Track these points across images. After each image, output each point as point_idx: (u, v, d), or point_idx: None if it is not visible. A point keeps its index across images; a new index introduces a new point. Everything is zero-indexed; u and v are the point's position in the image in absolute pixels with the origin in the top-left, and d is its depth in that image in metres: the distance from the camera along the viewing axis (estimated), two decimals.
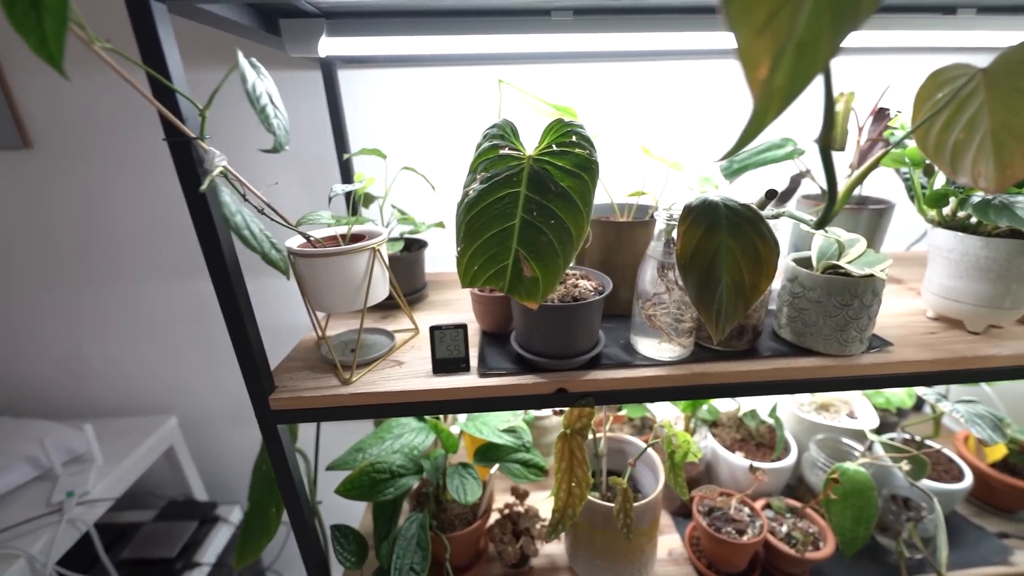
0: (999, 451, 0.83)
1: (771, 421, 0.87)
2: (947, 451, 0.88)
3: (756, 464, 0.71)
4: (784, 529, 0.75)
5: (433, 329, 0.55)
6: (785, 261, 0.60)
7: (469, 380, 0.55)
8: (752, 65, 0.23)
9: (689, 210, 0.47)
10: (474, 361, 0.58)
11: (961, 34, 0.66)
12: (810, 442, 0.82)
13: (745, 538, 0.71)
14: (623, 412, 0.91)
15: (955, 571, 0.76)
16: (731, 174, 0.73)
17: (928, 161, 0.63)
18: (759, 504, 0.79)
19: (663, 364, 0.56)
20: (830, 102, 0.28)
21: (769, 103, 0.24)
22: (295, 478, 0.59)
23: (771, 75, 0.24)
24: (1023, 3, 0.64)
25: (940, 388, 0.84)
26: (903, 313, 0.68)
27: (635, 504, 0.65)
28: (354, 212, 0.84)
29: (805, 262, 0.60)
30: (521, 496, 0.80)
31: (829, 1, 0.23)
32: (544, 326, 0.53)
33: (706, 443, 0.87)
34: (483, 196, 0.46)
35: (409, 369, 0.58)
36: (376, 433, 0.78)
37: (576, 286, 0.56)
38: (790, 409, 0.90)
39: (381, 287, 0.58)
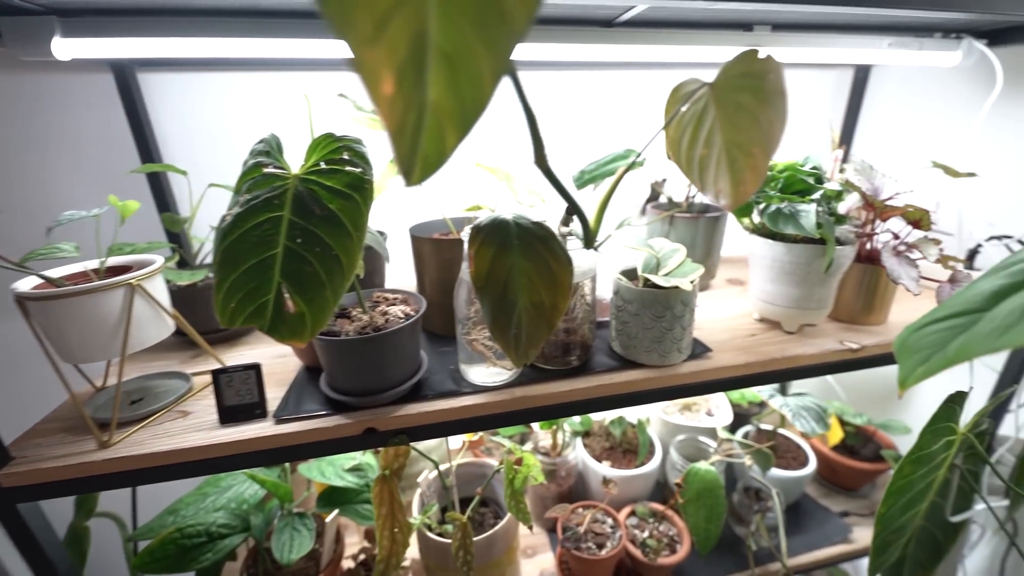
0: (836, 435, 0.90)
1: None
2: (795, 438, 0.94)
3: (608, 475, 0.70)
4: (645, 535, 0.76)
5: (217, 373, 0.48)
6: (613, 274, 0.59)
7: (263, 428, 0.48)
8: (372, 80, 0.20)
9: (478, 230, 0.44)
10: (276, 405, 0.51)
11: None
12: (671, 445, 0.84)
13: (604, 552, 0.70)
14: (479, 435, 0.87)
15: (801, 555, 0.80)
16: (581, 184, 0.73)
17: None
18: (625, 512, 0.79)
19: (486, 391, 0.52)
20: (531, 119, 0.25)
21: (418, 119, 0.21)
22: (59, 570, 0.48)
23: (401, 89, 0.20)
24: (814, 21, 0.69)
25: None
26: (736, 315, 0.71)
27: (484, 535, 0.62)
28: (173, 238, 0.74)
29: (633, 274, 0.59)
30: (372, 539, 0.73)
31: (462, 8, 0.20)
32: (345, 361, 0.48)
33: (576, 455, 0.86)
34: (241, 221, 0.40)
35: (195, 421, 0.50)
36: (199, 488, 0.68)
37: (386, 313, 0.51)
38: (655, 413, 0.92)
39: (153, 327, 0.49)
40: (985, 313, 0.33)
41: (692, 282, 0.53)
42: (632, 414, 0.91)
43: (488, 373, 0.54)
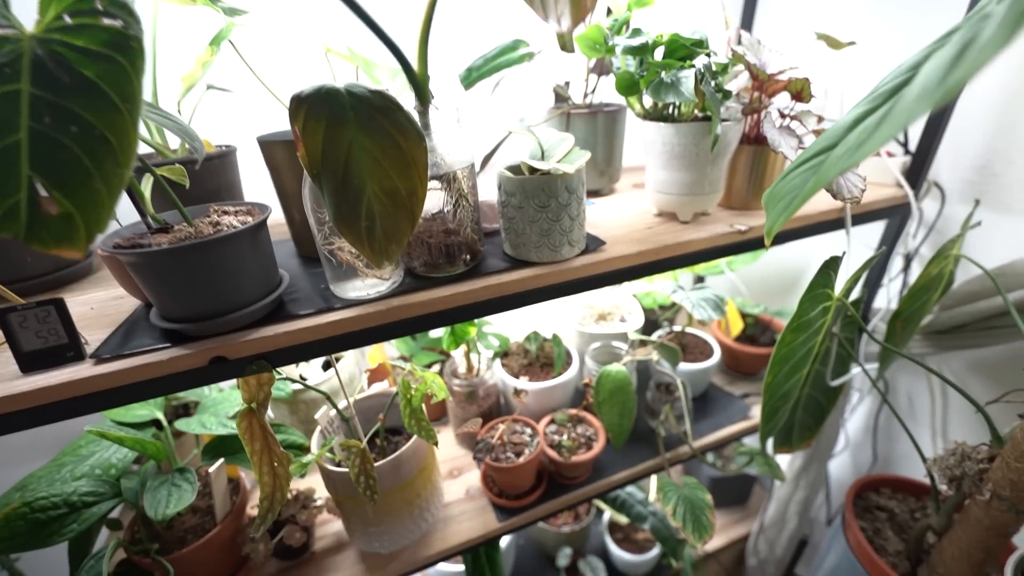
0: (737, 326, 0.95)
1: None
2: (702, 334, 0.98)
3: (518, 387, 0.69)
4: (564, 438, 0.77)
5: (3, 313, 0.39)
6: (496, 169, 0.54)
7: (79, 372, 0.40)
8: None
9: (301, 100, 0.36)
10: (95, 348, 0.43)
11: None
12: (587, 353, 0.84)
13: (522, 459, 0.70)
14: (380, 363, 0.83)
15: (708, 434, 0.86)
16: (469, 83, 0.65)
17: (603, 45, 0.61)
18: (544, 421, 0.80)
19: (360, 304, 0.47)
20: None
21: None
22: None
23: None
24: None
25: (683, 281, 0.91)
26: (636, 214, 0.69)
27: (387, 459, 0.59)
28: None
29: (518, 170, 0.54)
30: None
31: None
32: (169, 281, 0.40)
33: (494, 375, 0.84)
34: None
35: None
36: (54, 459, 0.59)
37: (217, 224, 0.43)
38: (571, 325, 0.92)
39: None
40: (841, 141, 0.31)
41: (578, 169, 0.49)
42: (547, 328, 0.91)
43: (364, 287, 0.48)
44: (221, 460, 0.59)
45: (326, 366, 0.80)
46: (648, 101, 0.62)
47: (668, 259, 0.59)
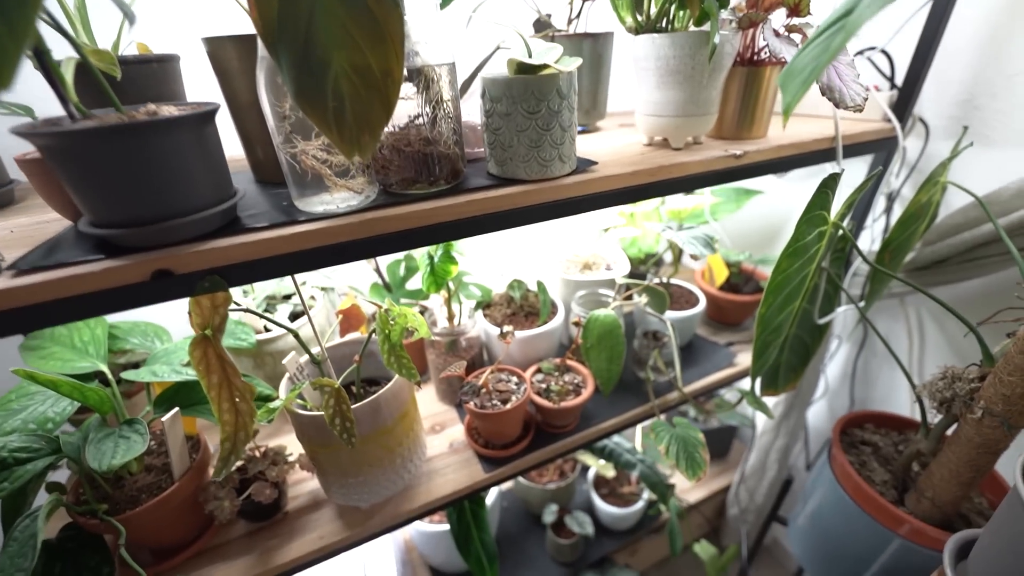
0: (722, 274, 0.94)
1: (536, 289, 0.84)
2: (687, 284, 0.97)
3: (505, 328, 0.65)
4: (551, 386, 0.74)
5: None
6: (480, 75, 0.49)
7: None
8: None
9: None
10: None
11: None
12: (572, 300, 0.81)
13: (509, 405, 0.67)
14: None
15: (696, 381, 0.85)
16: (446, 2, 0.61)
17: None
18: (530, 371, 0.76)
19: (328, 218, 0.42)
20: None
21: None
22: None
23: None
24: None
25: (672, 223, 0.89)
26: (625, 144, 0.65)
27: (366, 400, 0.54)
28: None
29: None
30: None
31: None
32: (99, 174, 0.34)
33: (478, 325, 0.80)
34: None
35: None
36: None
37: (154, 113, 0.36)
38: (557, 274, 0.88)
39: None
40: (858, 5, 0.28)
41: (570, 71, 0.45)
42: (530, 278, 0.87)
43: (333, 201, 0.43)
44: (176, 409, 0.53)
45: (293, 317, 0.74)
46: (640, 15, 0.58)
47: (662, 182, 0.56)
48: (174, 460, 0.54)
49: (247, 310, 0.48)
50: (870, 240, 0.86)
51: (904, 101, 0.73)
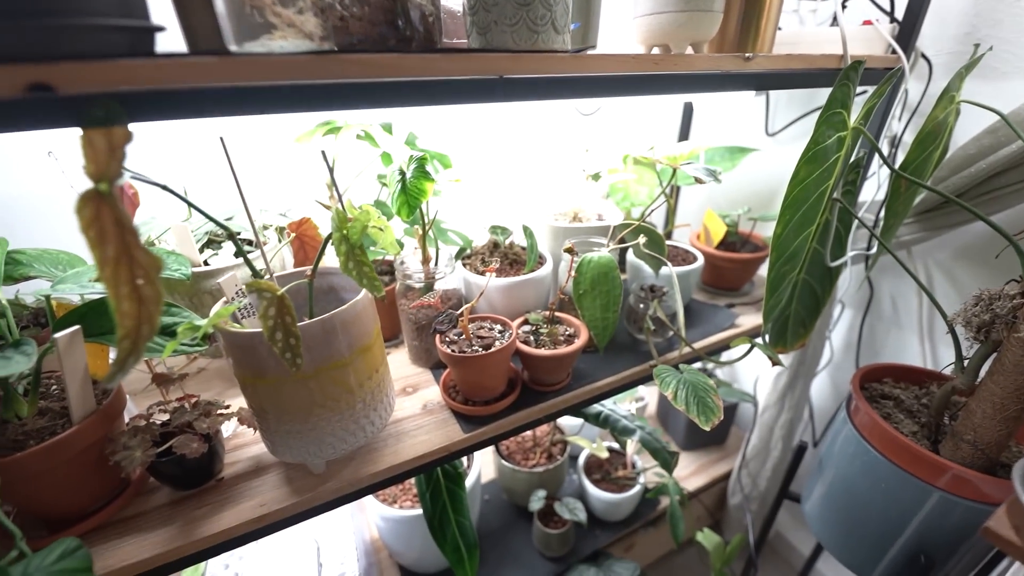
0: (719, 232, 0.88)
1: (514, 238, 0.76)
2: (682, 244, 0.91)
3: (489, 262, 0.57)
4: (540, 337, 0.65)
5: None
6: None
7: None
8: None
9: None
10: None
11: None
12: (562, 248, 0.73)
13: (492, 349, 0.58)
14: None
15: (697, 342, 0.77)
16: None
17: None
18: (517, 322, 0.68)
19: (268, 55, 0.33)
20: None
21: None
22: None
23: None
24: None
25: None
26: (620, 52, 0.59)
27: (317, 318, 0.44)
28: None
29: None
30: (170, 383, 0.53)
31: None
32: None
33: (456, 273, 0.71)
34: None
35: None
36: None
37: None
38: (544, 222, 0.81)
39: None
40: None
41: None
42: (516, 224, 0.79)
43: (277, 46, 0.35)
44: (76, 327, 0.43)
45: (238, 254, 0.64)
46: None
47: (667, 75, 0.49)
48: (72, 394, 0.43)
49: (175, 194, 0.38)
50: (876, 185, 0.82)
51: (906, 34, 0.70)
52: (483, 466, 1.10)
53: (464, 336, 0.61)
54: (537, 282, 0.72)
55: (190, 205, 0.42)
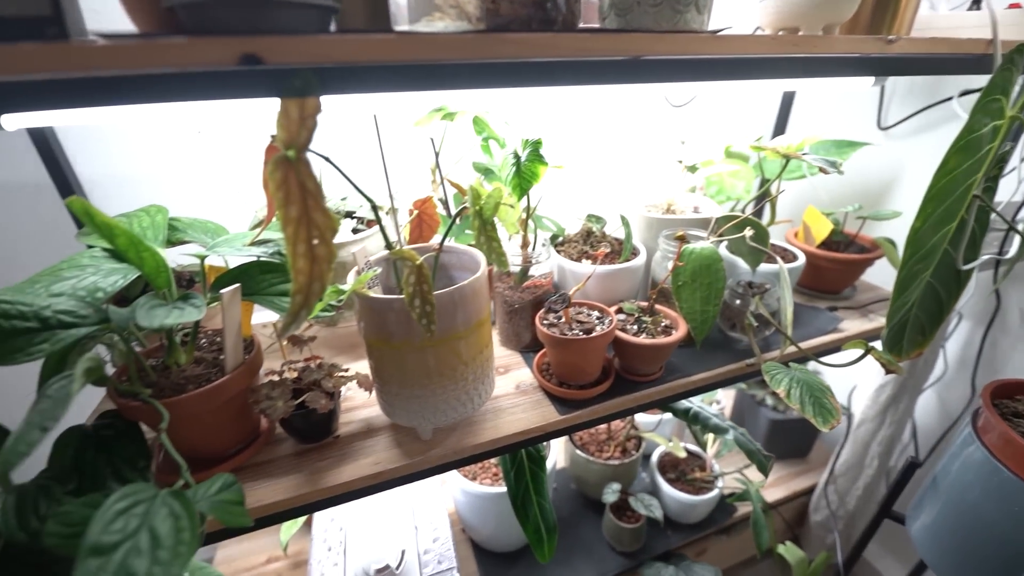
0: (824, 229, 0.83)
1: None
2: (780, 242, 0.86)
3: (591, 251, 0.57)
4: (636, 327, 0.65)
5: None
6: None
7: (62, 50, 0.28)
8: None
9: None
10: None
11: None
12: (660, 237, 0.72)
13: (594, 334, 0.58)
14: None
15: (800, 344, 0.74)
16: None
17: None
18: (612, 309, 0.68)
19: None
20: None
21: None
22: None
23: None
24: None
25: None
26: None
27: (446, 288, 0.47)
28: None
29: None
30: (303, 343, 0.57)
31: None
32: None
33: (552, 258, 0.72)
34: None
35: None
36: (28, 280, 0.48)
37: None
38: (638, 212, 0.80)
39: None
40: None
41: None
42: (603, 213, 0.79)
43: (431, 27, 0.37)
44: (236, 285, 0.47)
45: (355, 230, 0.68)
46: None
47: (803, 59, 0.47)
48: (228, 346, 0.48)
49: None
50: (1017, 181, 0.74)
51: None
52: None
53: (564, 320, 0.62)
54: (632, 272, 0.72)
55: (349, 181, 0.45)
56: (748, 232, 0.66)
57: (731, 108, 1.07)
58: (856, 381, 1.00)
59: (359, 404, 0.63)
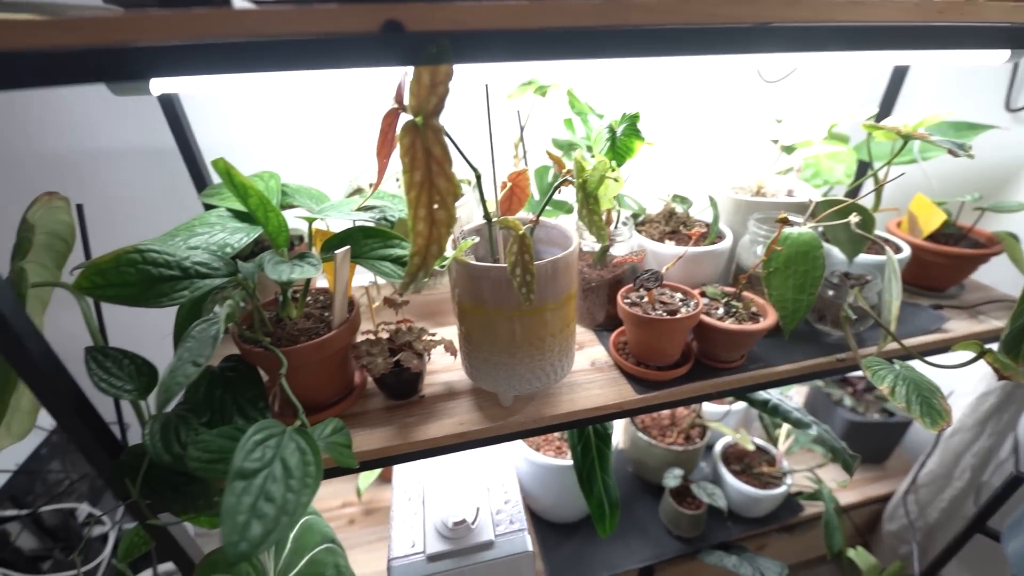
0: (934, 220, 0.76)
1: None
2: (881, 232, 0.80)
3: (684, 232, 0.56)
4: (720, 312, 0.63)
5: None
6: None
7: (225, 14, 0.31)
8: None
9: None
10: None
11: None
12: (749, 220, 0.69)
13: (679, 315, 0.57)
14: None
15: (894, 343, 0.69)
16: None
17: None
18: (695, 292, 0.66)
19: None
20: None
21: None
22: None
23: None
24: None
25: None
26: None
27: (546, 259, 0.47)
28: None
29: None
30: (398, 306, 0.60)
31: None
32: None
33: (633, 238, 0.71)
34: None
35: None
36: (168, 233, 0.53)
37: None
38: (723, 194, 0.77)
39: None
40: None
41: None
42: (685, 192, 0.76)
43: None
44: (347, 247, 0.50)
45: None
46: None
47: (946, 27, 0.43)
48: (336, 303, 0.51)
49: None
50: None
51: None
52: None
53: (647, 300, 0.61)
54: (717, 255, 0.69)
55: (460, 151, 0.46)
56: (854, 218, 0.62)
57: (829, 84, 0.99)
58: (953, 386, 0.92)
59: (439, 368, 0.66)
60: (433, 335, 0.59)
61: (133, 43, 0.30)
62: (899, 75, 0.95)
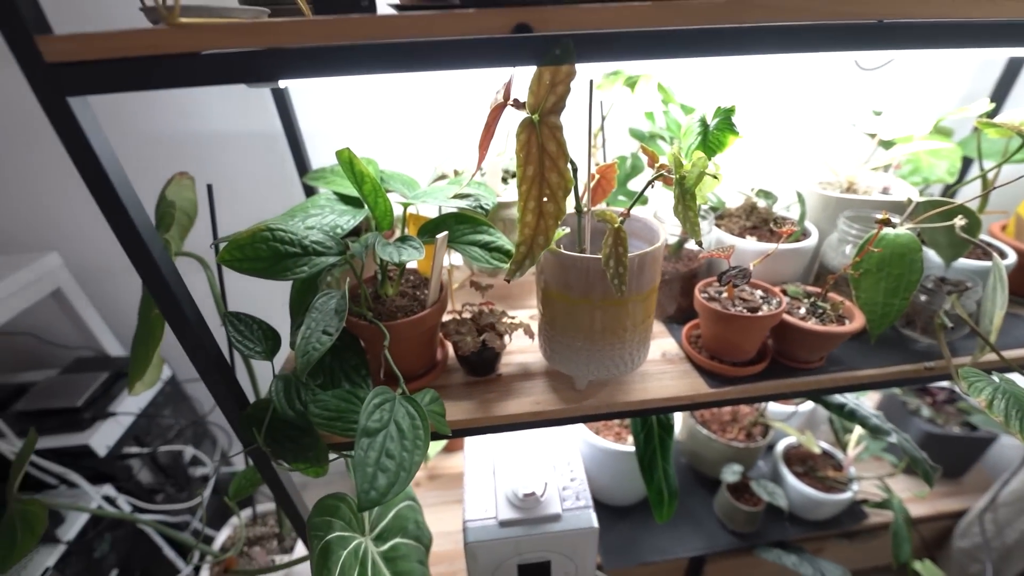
0: None
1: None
2: (984, 236, 0.75)
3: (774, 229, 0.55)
4: (802, 311, 0.62)
5: None
6: None
7: (371, 19, 0.34)
8: None
9: None
10: None
11: None
12: (839, 218, 0.67)
13: (760, 313, 0.57)
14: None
15: (988, 354, 0.65)
16: None
17: None
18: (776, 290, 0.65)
19: None
20: None
21: None
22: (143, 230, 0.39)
23: None
24: None
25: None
26: None
27: (635, 252, 0.49)
28: None
29: None
30: (483, 289, 0.64)
31: None
32: None
33: (712, 233, 0.71)
34: None
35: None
36: (286, 213, 0.59)
37: None
38: (809, 189, 0.74)
39: None
40: None
41: None
42: (774, 188, 0.74)
43: None
44: (446, 232, 0.54)
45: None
46: None
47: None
48: (432, 283, 0.55)
49: None
50: None
51: None
52: None
53: (726, 295, 0.61)
54: (801, 253, 0.68)
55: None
56: (959, 221, 0.58)
57: (929, 72, 0.92)
58: None
59: (514, 349, 0.69)
60: (513, 318, 0.63)
61: (298, 45, 0.34)
62: (1015, 67, 0.87)
